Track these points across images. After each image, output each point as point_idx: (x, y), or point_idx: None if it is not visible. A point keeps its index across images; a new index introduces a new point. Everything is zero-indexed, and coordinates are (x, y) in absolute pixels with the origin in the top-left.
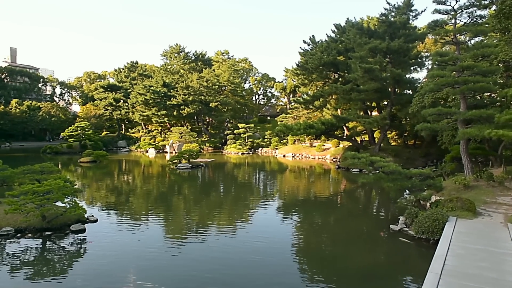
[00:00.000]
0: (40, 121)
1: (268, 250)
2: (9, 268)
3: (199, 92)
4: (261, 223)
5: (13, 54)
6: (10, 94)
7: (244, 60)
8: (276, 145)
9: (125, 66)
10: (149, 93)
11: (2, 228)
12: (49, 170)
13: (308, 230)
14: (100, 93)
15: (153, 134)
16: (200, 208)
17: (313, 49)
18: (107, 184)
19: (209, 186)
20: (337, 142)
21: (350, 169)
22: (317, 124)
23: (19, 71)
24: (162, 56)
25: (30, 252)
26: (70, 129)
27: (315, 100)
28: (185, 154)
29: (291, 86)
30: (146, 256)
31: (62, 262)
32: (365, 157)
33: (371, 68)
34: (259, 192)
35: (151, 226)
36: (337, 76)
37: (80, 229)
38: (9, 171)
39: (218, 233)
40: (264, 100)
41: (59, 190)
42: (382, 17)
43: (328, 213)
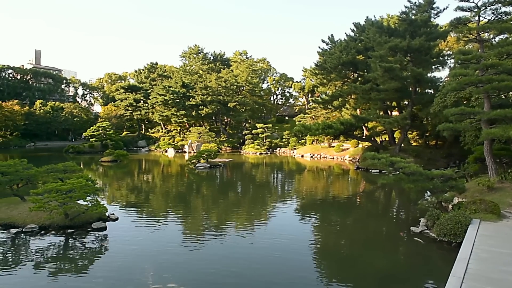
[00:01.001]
0: (63, 121)
1: (286, 249)
2: (33, 264)
3: (217, 92)
4: (279, 223)
5: (37, 56)
6: (34, 95)
7: (262, 60)
8: (294, 145)
9: (145, 67)
10: (168, 94)
11: (27, 225)
12: (72, 169)
13: (326, 230)
14: (121, 94)
15: (172, 134)
16: (218, 207)
17: (331, 49)
18: (127, 183)
19: (227, 186)
20: (356, 142)
21: (369, 170)
22: (336, 124)
23: (43, 73)
24: (181, 57)
25: (54, 248)
26: (92, 129)
27: (333, 100)
28: (204, 154)
29: (309, 86)
30: (165, 253)
31: (83, 259)
32: (385, 157)
33: (391, 67)
34: (277, 192)
35: (170, 224)
36: (356, 75)
37: (101, 227)
38: (33, 170)
39: (235, 232)
40: (282, 100)
41: (81, 188)
42: (402, 15)
43: (347, 214)
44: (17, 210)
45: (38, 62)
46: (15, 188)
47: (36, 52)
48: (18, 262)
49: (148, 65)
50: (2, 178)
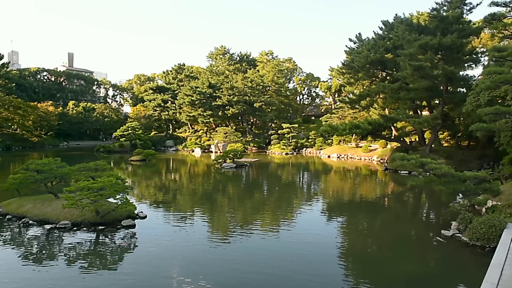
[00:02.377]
0: (94, 122)
1: (311, 250)
2: (66, 259)
3: (243, 93)
4: (305, 223)
5: (70, 59)
6: (67, 96)
7: (289, 60)
8: (321, 145)
9: (172, 68)
10: (195, 94)
11: (60, 221)
12: (103, 168)
13: (353, 232)
14: (149, 95)
15: (199, 134)
16: (244, 206)
17: (359, 47)
18: (155, 182)
19: (253, 186)
20: (384, 142)
21: (398, 171)
22: (363, 124)
23: (75, 75)
24: (208, 57)
25: (85, 244)
26: (122, 129)
27: (361, 100)
28: (230, 154)
29: (336, 86)
30: (192, 251)
31: (113, 255)
32: (415, 158)
33: (422, 65)
34: (303, 193)
35: (196, 223)
36: (384, 74)
37: (130, 225)
38: (66, 169)
39: (261, 231)
40: (309, 100)
41: (112, 187)
42: (433, 12)
43: (375, 216)
44: (51, 207)
45: (71, 64)
46: (50, 186)
47: (69, 55)
48: (51, 257)
49: (175, 66)
50: (37, 176)
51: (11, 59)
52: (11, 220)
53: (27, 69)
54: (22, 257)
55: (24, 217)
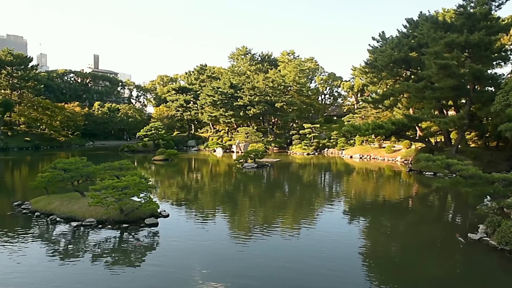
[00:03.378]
0: (119, 122)
1: (333, 251)
2: (91, 256)
3: (265, 93)
4: (326, 224)
5: (96, 61)
6: (93, 97)
7: (310, 59)
8: (343, 145)
9: (195, 69)
10: (217, 95)
11: (86, 219)
12: (127, 167)
13: (376, 234)
14: (172, 95)
15: (220, 134)
16: (265, 206)
17: (382, 46)
18: (177, 181)
19: (274, 186)
20: (408, 143)
21: (423, 172)
22: (387, 124)
23: (101, 76)
24: (230, 58)
25: (109, 242)
26: (145, 129)
27: (384, 99)
28: (251, 154)
29: (358, 85)
30: (213, 250)
31: (136, 252)
32: (441, 159)
33: (448, 64)
34: (325, 193)
35: (218, 222)
36: (409, 73)
37: (153, 223)
38: (92, 168)
39: (282, 232)
40: (331, 100)
41: (136, 185)
42: (459, 9)
43: (398, 218)
44: (78, 204)
45: (97, 66)
46: (76, 184)
47: (94, 57)
48: (77, 253)
49: (197, 67)
50: (64, 174)
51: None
52: (39, 217)
53: (55, 71)
54: (50, 252)
55: (52, 214)
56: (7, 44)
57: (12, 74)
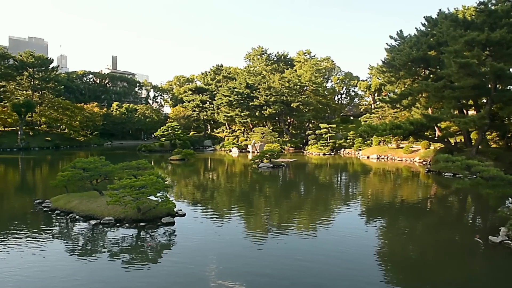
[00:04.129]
0: (136, 122)
1: (349, 253)
2: (109, 254)
3: (280, 93)
4: (342, 225)
5: (114, 62)
6: (111, 98)
7: (327, 59)
8: (360, 146)
9: (211, 69)
10: (233, 95)
11: (105, 217)
12: (144, 166)
13: (393, 235)
14: (188, 96)
15: (236, 134)
16: (281, 206)
17: (400, 45)
18: (194, 181)
19: (290, 186)
20: (427, 143)
21: (442, 173)
22: (405, 124)
23: (119, 77)
24: (245, 58)
25: (127, 240)
26: (162, 129)
27: (402, 99)
28: (267, 154)
29: (376, 85)
30: (229, 249)
31: (153, 251)
32: (461, 160)
33: (468, 62)
34: (341, 194)
35: (233, 222)
36: (427, 72)
37: (170, 222)
38: (110, 167)
39: (297, 232)
40: (347, 100)
41: (153, 185)
42: (480, 6)
43: (416, 220)
44: (96, 203)
45: (115, 67)
46: (95, 183)
47: (113, 58)
48: (96, 251)
49: (214, 67)
50: (84, 173)
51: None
52: (59, 215)
53: (74, 72)
54: (70, 249)
55: (71, 213)
56: (28, 46)
57: (33, 75)
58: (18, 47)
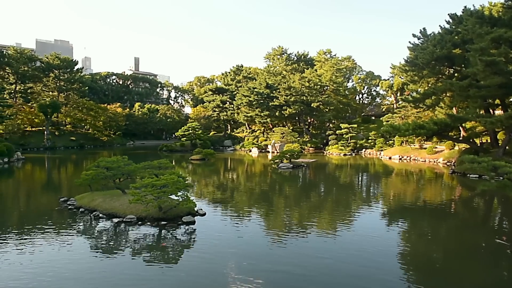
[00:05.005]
0: (158, 122)
1: (370, 254)
2: (131, 251)
3: (301, 93)
4: (363, 226)
5: (136, 63)
6: (134, 98)
7: (347, 58)
8: (381, 146)
9: (231, 69)
10: (253, 95)
11: (127, 215)
12: (165, 166)
13: (416, 238)
14: (209, 96)
15: (256, 134)
16: (300, 208)
17: (424, 43)
18: (214, 181)
19: (310, 187)
20: (451, 144)
21: (467, 175)
22: (428, 124)
23: (141, 78)
24: (265, 58)
25: (148, 238)
26: (183, 129)
27: (426, 98)
28: (287, 154)
29: (398, 84)
30: (248, 249)
31: (174, 249)
32: (487, 161)
33: (494, 60)
34: (362, 195)
35: (253, 221)
36: (452, 71)
37: (190, 221)
38: (133, 166)
39: (317, 233)
40: (369, 99)
41: (174, 184)
42: (508, 2)
43: (440, 222)
44: (119, 201)
45: (137, 68)
46: (118, 182)
47: (135, 59)
48: (118, 249)
49: (234, 68)
50: (107, 172)
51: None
52: (83, 213)
53: (98, 74)
54: (94, 246)
55: (95, 211)
56: (54, 49)
57: (59, 77)
58: (44, 49)
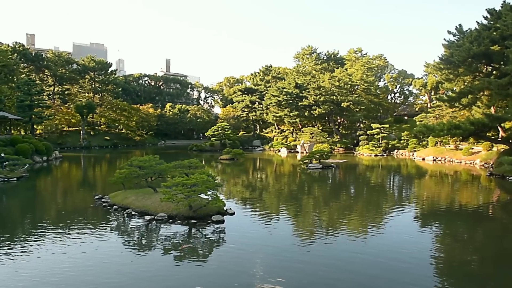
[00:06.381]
0: (188, 122)
1: (401, 259)
2: (162, 249)
3: (330, 92)
4: (394, 230)
5: (167, 64)
6: (165, 99)
7: (379, 57)
8: (414, 147)
9: (260, 70)
10: (282, 95)
11: (158, 213)
12: (195, 165)
13: (451, 242)
14: (238, 96)
15: (285, 134)
16: (330, 209)
17: (459, 40)
18: (243, 180)
19: (340, 188)
20: (489, 145)
21: (506, 177)
22: (464, 124)
23: (172, 79)
24: (295, 58)
25: (179, 236)
26: (212, 129)
27: (462, 97)
28: (316, 155)
29: (432, 83)
30: (276, 250)
31: (203, 248)
32: None
33: None
34: (394, 197)
35: (282, 222)
36: (490, 68)
37: (219, 220)
38: (164, 165)
39: (347, 235)
40: (401, 99)
41: (203, 183)
42: None
43: (476, 227)
44: (151, 200)
45: (168, 70)
46: (149, 181)
47: (166, 61)
48: (150, 246)
49: (263, 68)
50: (139, 171)
51: (118, 67)
52: (117, 210)
53: (131, 75)
54: (126, 243)
55: (128, 208)
56: (90, 52)
57: (94, 78)
58: (81, 52)
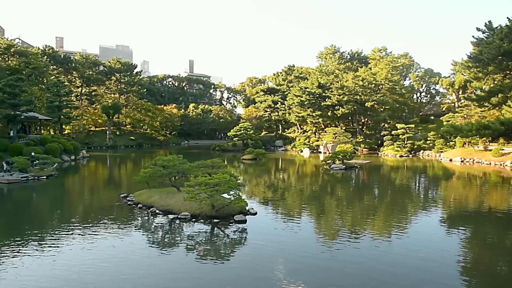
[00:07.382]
0: (211, 122)
1: (427, 263)
2: (185, 247)
3: (354, 92)
4: (420, 232)
5: (190, 65)
6: (188, 99)
7: (404, 55)
8: (441, 147)
9: (282, 69)
10: (304, 95)
11: (181, 212)
12: (218, 165)
13: (479, 246)
14: (260, 96)
15: (307, 134)
16: (353, 210)
17: (489, 37)
18: (265, 180)
19: (363, 189)
20: None
21: None
22: (494, 124)
23: (195, 80)
24: (318, 57)
25: (201, 235)
26: (235, 129)
27: (491, 96)
28: (339, 155)
29: (460, 81)
30: (297, 251)
31: (225, 247)
32: None
33: None
34: (419, 199)
35: (304, 223)
36: None
37: (242, 220)
38: (187, 165)
39: (370, 238)
40: (427, 98)
41: (226, 183)
42: None
43: (506, 229)
44: (174, 199)
45: (191, 71)
46: (173, 180)
47: (190, 62)
48: (173, 244)
49: (285, 68)
50: (163, 171)
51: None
52: (141, 209)
53: (155, 76)
54: (150, 241)
55: (152, 207)
56: (116, 53)
57: (120, 80)
58: (107, 54)
